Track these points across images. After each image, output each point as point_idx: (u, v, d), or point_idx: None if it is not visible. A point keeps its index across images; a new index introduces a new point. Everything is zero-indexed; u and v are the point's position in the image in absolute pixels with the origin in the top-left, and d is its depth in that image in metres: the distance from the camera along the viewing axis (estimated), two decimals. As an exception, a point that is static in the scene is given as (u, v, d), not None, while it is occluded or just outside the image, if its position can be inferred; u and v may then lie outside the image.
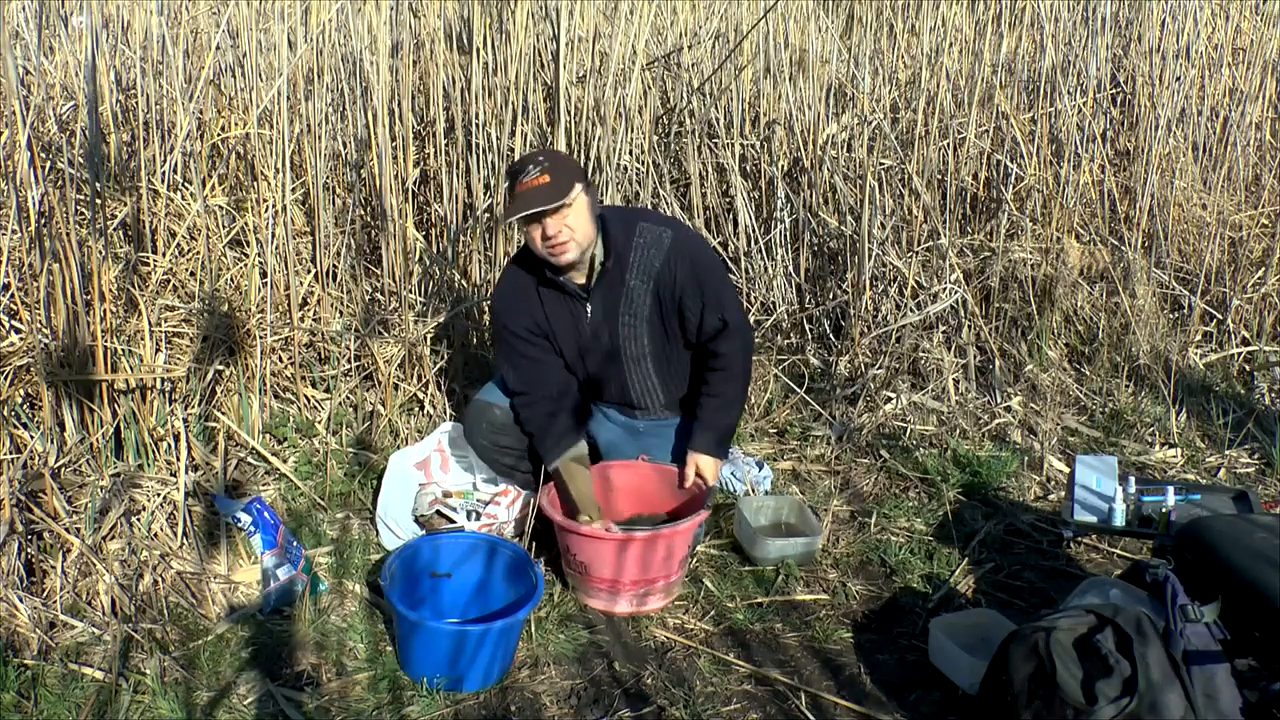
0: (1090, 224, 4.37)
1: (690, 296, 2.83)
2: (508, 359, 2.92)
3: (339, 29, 3.76)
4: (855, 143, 4.27)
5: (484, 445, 2.99)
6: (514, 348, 2.89)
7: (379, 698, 2.40)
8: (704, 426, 2.92)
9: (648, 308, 2.86)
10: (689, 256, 2.84)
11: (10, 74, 2.70)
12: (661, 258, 2.82)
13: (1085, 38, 4.57)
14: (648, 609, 2.74)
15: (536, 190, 2.67)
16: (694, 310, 2.85)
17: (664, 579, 2.74)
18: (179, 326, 3.13)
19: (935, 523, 3.21)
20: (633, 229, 2.85)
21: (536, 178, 2.67)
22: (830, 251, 4.26)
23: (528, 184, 2.68)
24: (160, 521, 2.74)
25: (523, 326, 2.87)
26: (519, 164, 2.74)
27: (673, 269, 2.82)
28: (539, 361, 2.89)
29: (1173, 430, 3.74)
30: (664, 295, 2.85)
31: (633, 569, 2.67)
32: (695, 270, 2.84)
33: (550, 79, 3.76)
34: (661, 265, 2.82)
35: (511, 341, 2.89)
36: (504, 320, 2.90)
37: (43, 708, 2.30)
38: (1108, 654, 2.05)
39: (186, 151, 3.37)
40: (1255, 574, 2.16)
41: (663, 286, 2.84)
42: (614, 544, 2.65)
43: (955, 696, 2.43)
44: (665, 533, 2.68)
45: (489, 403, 2.97)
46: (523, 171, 2.70)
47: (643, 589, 2.71)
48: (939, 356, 3.87)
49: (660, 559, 2.69)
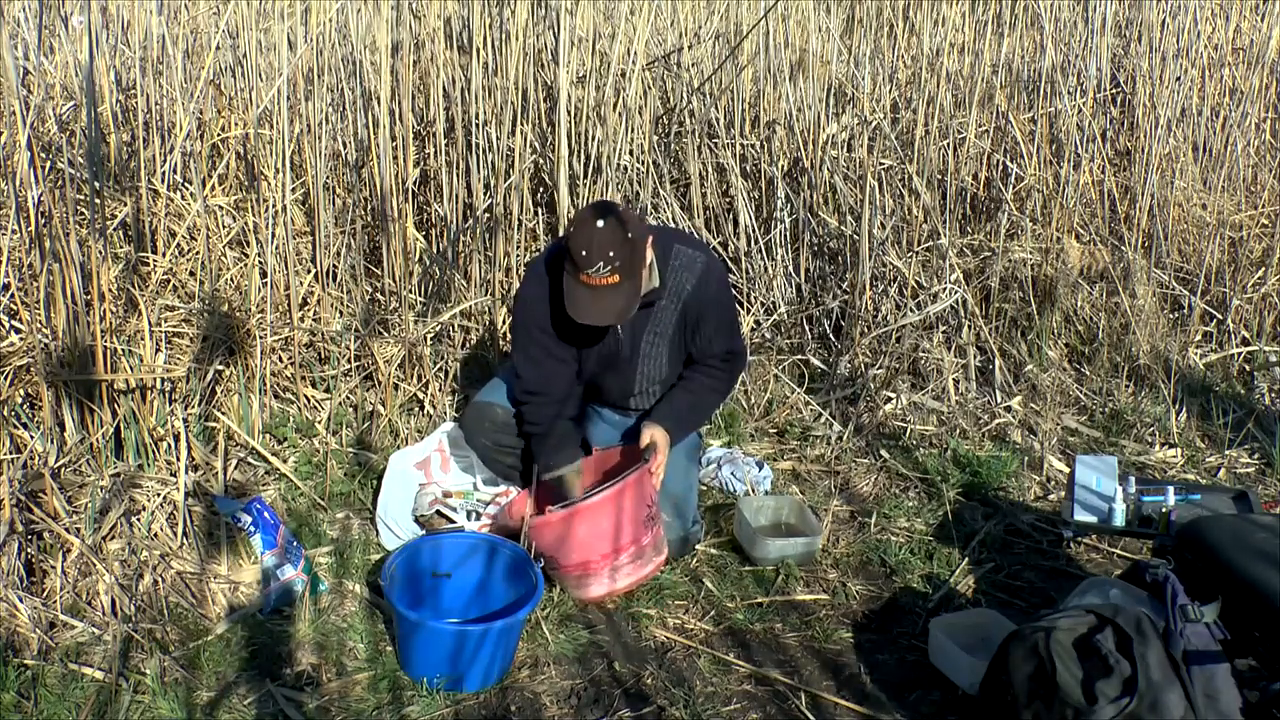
0: (1090, 224, 4.37)
1: (707, 322, 2.89)
2: (526, 357, 2.86)
3: (339, 29, 3.76)
4: (855, 143, 4.27)
5: (485, 445, 2.99)
6: (536, 345, 2.84)
7: (379, 698, 2.40)
8: (671, 407, 2.94)
9: (672, 328, 2.89)
10: (716, 284, 2.90)
11: (10, 74, 2.70)
12: (694, 282, 2.85)
13: (1085, 38, 4.57)
14: (627, 582, 2.70)
15: (607, 294, 2.60)
16: (707, 335, 2.91)
17: (631, 545, 2.69)
18: (179, 326, 3.13)
19: (935, 523, 3.21)
20: (669, 252, 2.85)
21: (606, 277, 2.58)
22: (830, 251, 4.26)
23: (595, 281, 2.58)
24: (160, 521, 2.74)
25: (546, 327, 2.81)
26: (583, 246, 2.55)
27: (700, 295, 2.86)
28: (559, 362, 2.86)
29: (1173, 430, 3.74)
30: (689, 317, 2.88)
31: (593, 543, 2.63)
32: (720, 299, 2.92)
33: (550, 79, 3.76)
34: (692, 290, 2.85)
35: (536, 338, 2.83)
36: (531, 318, 2.83)
37: (43, 708, 2.30)
38: (1108, 654, 2.05)
39: (186, 151, 3.37)
40: (1255, 574, 2.16)
41: (689, 309, 2.87)
42: (559, 522, 2.62)
43: (955, 696, 2.43)
44: (610, 494, 2.61)
45: (490, 403, 2.97)
46: (589, 264, 2.55)
47: (610, 563, 2.68)
48: (939, 356, 3.87)
49: (617, 526, 2.64)
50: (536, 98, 3.76)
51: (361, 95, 3.71)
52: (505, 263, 3.74)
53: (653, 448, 2.83)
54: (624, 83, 3.87)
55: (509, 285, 3.74)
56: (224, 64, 3.70)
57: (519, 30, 3.59)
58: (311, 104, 3.49)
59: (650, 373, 2.95)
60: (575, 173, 3.83)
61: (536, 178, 3.96)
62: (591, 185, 3.88)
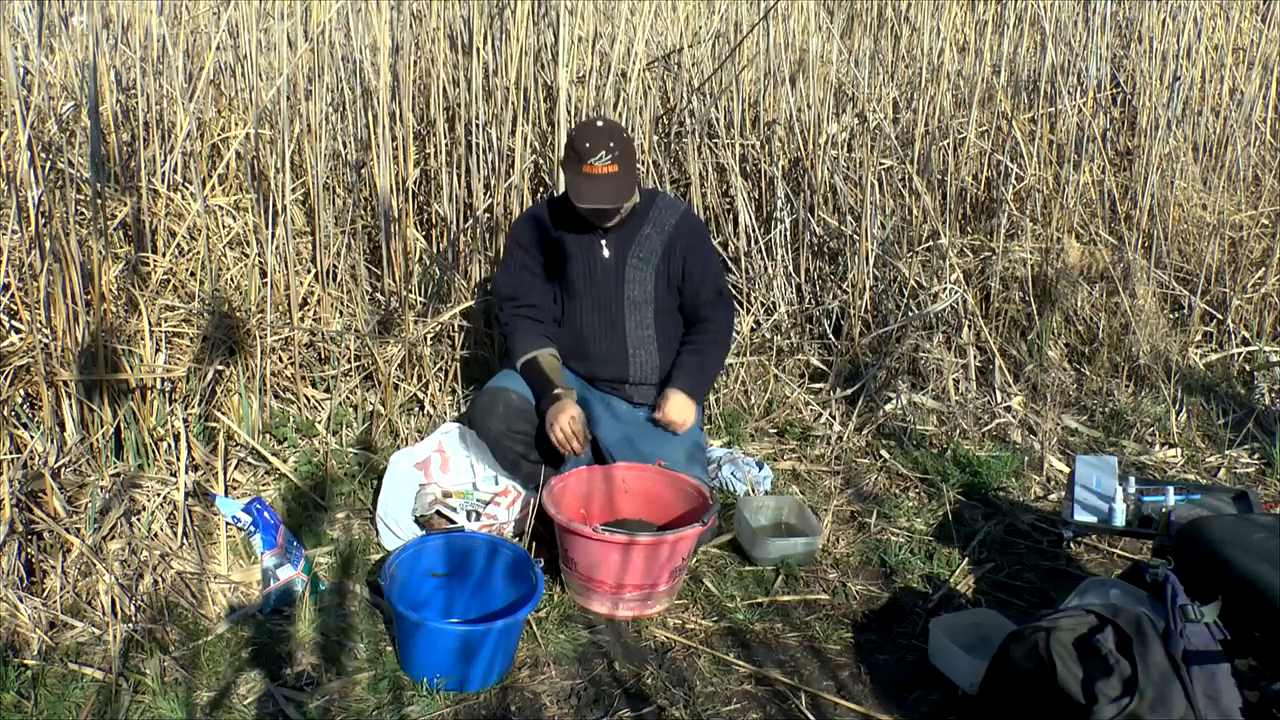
0: (1090, 224, 4.37)
1: (693, 262, 3.09)
2: (506, 266, 3.13)
3: (339, 29, 3.76)
4: (855, 143, 4.27)
5: (499, 430, 3.00)
6: (515, 257, 3.10)
7: (379, 698, 2.40)
8: (683, 370, 3.11)
9: (657, 256, 3.06)
10: (698, 229, 3.17)
11: (10, 74, 2.70)
12: (676, 218, 3.10)
13: (1085, 38, 4.57)
14: (627, 614, 2.73)
15: (606, 181, 2.85)
16: (695, 275, 3.09)
17: (667, 584, 2.73)
18: (179, 326, 3.13)
19: (935, 523, 3.21)
20: (654, 192, 3.19)
21: (607, 165, 2.83)
22: (830, 251, 4.26)
23: (597, 169, 2.83)
24: (160, 521, 2.74)
25: (531, 242, 3.07)
26: (587, 139, 2.83)
27: (684, 231, 3.09)
28: (534, 275, 3.08)
29: (1173, 430, 3.74)
30: (673, 251, 3.07)
31: (636, 573, 2.66)
32: (701, 241, 3.15)
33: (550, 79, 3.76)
34: (675, 224, 3.08)
35: (515, 252, 3.10)
36: (516, 233, 3.13)
37: (43, 708, 2.30)
38: (1108, 654, 2.05)
39: (186, 151, 3.37)
40: (1255, 574, 2.16)
41: (674, 242, 3.07)
42: (618, 547, 2.65)
43: (955, 696, 2.43)
44: (670, 539, 2.67)
45: (504, 388, 3.02)
46: (592, 154, 2.82)
47: (645, 592, 2.71)
48: (939, 356, 3.86)
49: (663, 563, 2.69)
50: (536, 98, 3.76)
51: (361, 95, 3.71)
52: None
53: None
54: (624, 83, 3.87)
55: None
56: (224, 64, 3.70)
57: (519, 30, 3.59)
58: (311, 104, 3.49)
59: (637, 297, 3.05)
60: (575, 173, 3.83)
61: (536, 178, 3.95)
62: (591, 185, 3.88)
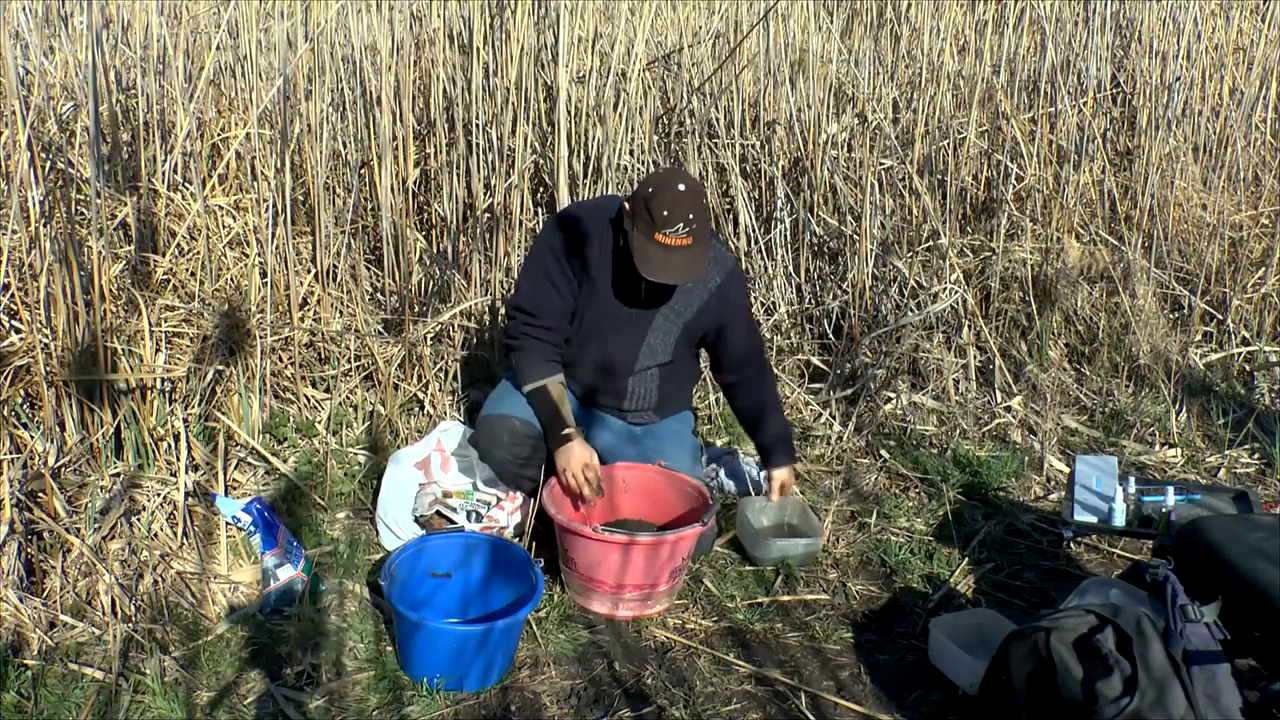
0: (1090, 224, 4.37)
1: (735, 325, 2.98)
2: (530, 272, 2.90)
3: (339, 29, 3.76)
4: (855, 143, 4.27)
5: (505, 459, 2.92)
6: (544, 265, 2.86)
7: (379, 698, 2.40)
8: (778, 441, 3.04)
9: (691, 312, 2.93)
10: (741, 288, 3.02)
11: (10, 74, 2.70)
12: (722, 276, 2.92)
13: (1085, 38, 4.57)
14: (627, 614, 2.73)
15: (679, 255, 2.67)
16: (739, 337, 2.99)
17: (667, 584, 2.73)
18: (179, 326, 3.13)
19: (935, 523, 3.21)
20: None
21: (683, 238, 2.65)
22: (830, 251, 4.26)
23: (671, 241, 2.65)
24: (160, 521, 2.74)
25: (567, 256, 2.85)
26: (666, 206, 2.63)
27: (728, 291, 2.93)
28: (558, 293, 2.87)
29: (1173, 430, 3.74)
30: (708, 311, 2.93)
31: (636, 573, 2.66)
32: (745, 299, 3.07)
33: (550, 79, 3.76)
34: (719, 285, 2.91)
35: (545, 258, 2.86)
36: (554, 236, 2.87)
37: (43, 708, 2.30)
38: (1108, 654, 2.05)
39: (186, 151, 3.37)
40: (1255, 574, 2.16)
41: (713, 301, 2.92)
42: (618, 547, 2.65)
43: (955, 696, 2.43)
44: (670, 539, 2.67)
45: (504, 415, 2.92)
46: (669, 224, 2.63)
47: (645, 592, 2.71)
48: (939, 356, 3.87)
49: (663, 563, 2.69)
50: (536, 98, 3.76)
51: (362, 95, 3.71)
52: (505, 263, 3.74)
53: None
54: (624, 82, 3.87)
55: (509, 285, 3.74)
56: (224, 64, 3.70)
57: (519, 30, 3.59)
58: (311, 104, 3.49)
59: (655, 346, 2.95)
60: (575, 173, 3.83)
61: (536, 178, 3.95)
62: (591, 185, 3.88)
